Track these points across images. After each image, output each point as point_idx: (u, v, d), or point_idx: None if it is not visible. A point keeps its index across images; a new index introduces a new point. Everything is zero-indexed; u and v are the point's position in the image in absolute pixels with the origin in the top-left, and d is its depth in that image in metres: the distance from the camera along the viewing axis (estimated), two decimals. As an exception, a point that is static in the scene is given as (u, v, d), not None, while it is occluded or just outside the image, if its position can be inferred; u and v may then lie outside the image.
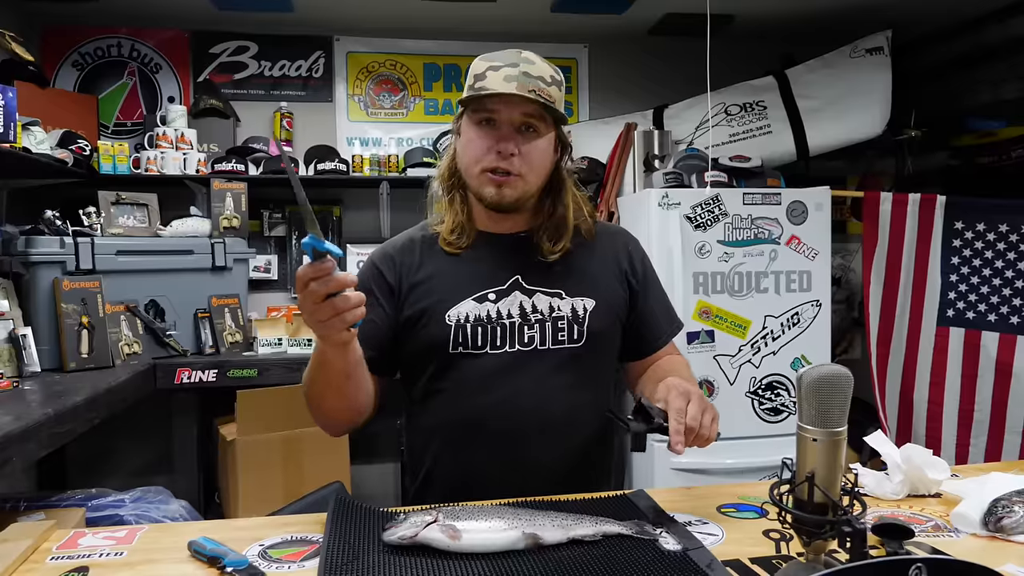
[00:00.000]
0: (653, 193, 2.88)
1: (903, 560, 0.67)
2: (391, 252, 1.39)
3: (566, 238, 1.36)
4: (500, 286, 1.34)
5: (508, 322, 1.31)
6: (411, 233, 1.42)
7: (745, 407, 2.93)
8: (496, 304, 1.32)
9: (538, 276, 1.35)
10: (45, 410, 1.87)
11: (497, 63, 1.25)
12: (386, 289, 1.35)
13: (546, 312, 1.33)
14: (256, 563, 0.96)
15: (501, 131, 1.26)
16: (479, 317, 1.31)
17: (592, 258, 1.40)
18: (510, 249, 1.36)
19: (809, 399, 0.82)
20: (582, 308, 1.34)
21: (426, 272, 1.35)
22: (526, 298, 1.33)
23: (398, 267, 1.36)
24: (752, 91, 3.30)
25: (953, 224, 3.04)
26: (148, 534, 1.09)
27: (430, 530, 0.97)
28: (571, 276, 1.36)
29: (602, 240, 1.43)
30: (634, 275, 1.42)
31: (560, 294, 1.34)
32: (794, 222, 2.94)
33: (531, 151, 1.28)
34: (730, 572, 0.93)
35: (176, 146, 3.20)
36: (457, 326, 1.31)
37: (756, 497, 1.22)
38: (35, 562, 0.99)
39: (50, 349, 2.48)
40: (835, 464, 0.82)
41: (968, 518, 1.08)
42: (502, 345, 1.31)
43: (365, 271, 1.39)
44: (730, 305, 2.91)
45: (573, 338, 1.33)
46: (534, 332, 1.32)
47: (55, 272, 2.54)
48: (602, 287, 1.38)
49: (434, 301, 1.33)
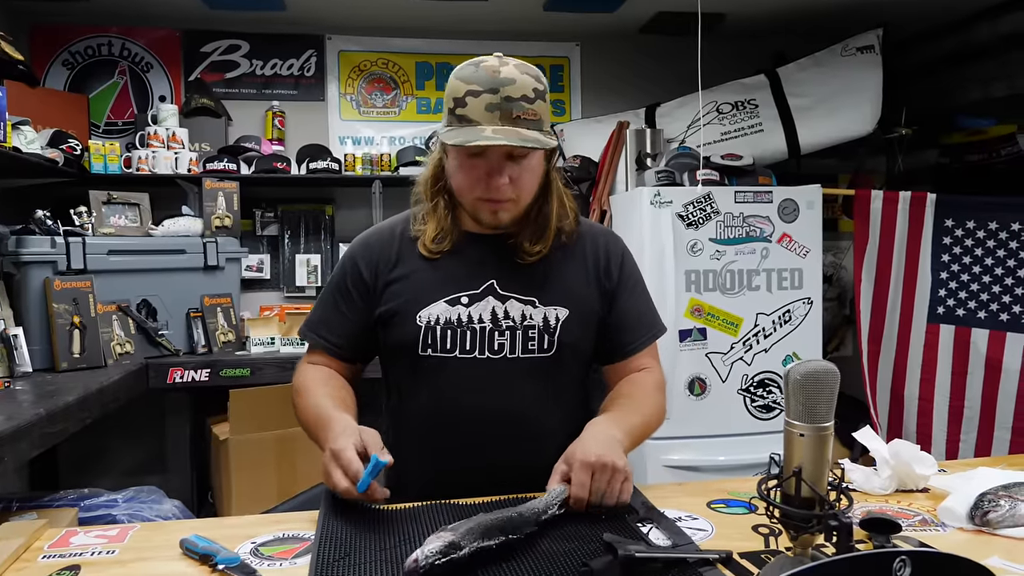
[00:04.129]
0: (645, 191, 2.89)
1: (887, 553, 0.68)
2: (372, 244, 1.39)
3: (547, 240, 1.34)
4: (474, 290, 1.32)
5: (479, 327, 1.30)
6: (394, 225, 1.41)
7: (737, 404, 2.94)
8: (468, 308, 1.31)
9: (514, 281, 1.33)
10: (37, 410, 1.86)
11: (476, 87, 1.21)
12: (361, 285, 1.36)
13: (518, 320, 1.31)
14: (248, 561, 0.97)
15: (491, 162, 1.24)
16: (449, 320, 1.30)
17: (570, 263, 1.38)
18: (490, 251, 1.34)
19: (796, 395, 0.82)
20: (554, 318, 1.32)
21: (402, 271, 1.35)
22: (499, 303, 1.31)
23: (375, 263, 1.36)
24: (743, 89, 3.31)
25: (943, 222, 3.05)
26: (140, 533, 1.09)
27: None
28: (546, 283, 1.34)
29: (582, 242, 1.40)
30: (608, 278, 1.39)
31: (534, 302, 1.32)
32: (786, 220, 2.96)
33: (522, 175, 1.26)
34: (721, 569, 0.94)
35: (167, 145, 3.20)
36: (427, 328, 1.30)
37: (746, 493, 1.23)
38: (26, 560, 0.99)
39: (41, 349, 2.47)
40: (822, 459, 0.82)
41: (955, 512, 1.09)
42: (471, 350, 1.30)
43: (345, 262, 1.40)
44: (722, 303, 2.93)
45: (543, 347, 1.32)
46: (504, 339, 1.30)
47: (46, 272, 2.53)
48: (577, 295, 1.36)
49: (406, 301, 1.33)
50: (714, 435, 2.93)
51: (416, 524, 1.07)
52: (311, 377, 1.37)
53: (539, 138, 1.22)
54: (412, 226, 1.38)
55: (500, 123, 1.20)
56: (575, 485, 1.11)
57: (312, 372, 1.38)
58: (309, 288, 3.60)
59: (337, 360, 1.40)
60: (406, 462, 1.31)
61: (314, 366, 1.39)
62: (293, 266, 3.60)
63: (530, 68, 1.25)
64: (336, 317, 1.38)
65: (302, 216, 3.62)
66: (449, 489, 1.21)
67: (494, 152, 1.23)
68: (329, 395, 1.30)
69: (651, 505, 1.15)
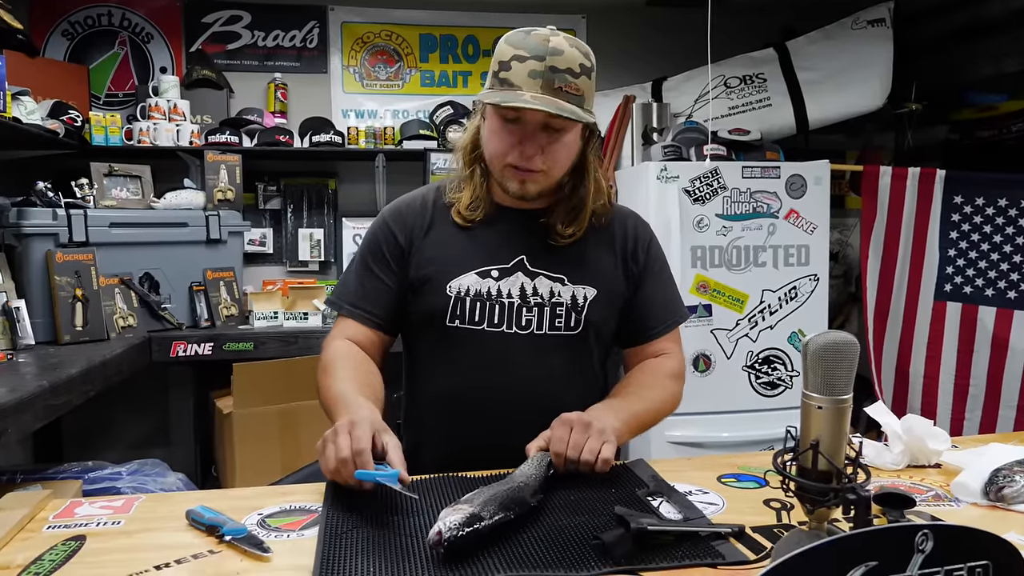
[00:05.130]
0: (651, 166, 2.85)
1: (909, 527, 0.67)
2: (404, 211, 1.37)
3: (581, 223, 1.32)
4: (504, 264, 1.32)
5: (507, 301, 1.30)
6: (425, 194, 1.40)
7: (742, 381, 2.93)
8: (498, 282, 1.31)
9: (544, 259, 1.32)
10: (40, 382, 1.86)
11: (523, 52, 1.19)
12: (396, 250, 1.35)
13: (546, 297, 1.31)
14: (255, 532, 0.96)
15: (525, 130, 1.22)
16: (479, 292, 1.30)
17: (600, 244, 1.37)
18: (522, 226, 1.33)
19: (814, 366, 0.81)
20: (583, 296, 1.32)
21: (434, 238, 1.34)
22: (528, 280, 1.31)
23: (409, 228, 1.35)
24: (752, 63, 3.27)
25: (952, 199, 3.02)
26: (145, 504, 1.08)
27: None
28: (576, 262, 1.34)
29: (612, 225, 1.39)
30: (635, 261, 1.39)
31: (563, 280, 1.32)
32: (793, 196, 2.93)
33: (556, 148, 1.24)
34: (733, 543, 0.92)
35: (169, 117, 3.16)
36: (457, 298, 1.30)
37: (756, 467, 1.22)
38: (31, 531, 0.99)
39: (44, 322, 2.46)
40: (840, 432, 0.81)
41: (969, 487, 1.08)
42: (499, 324, 1.30)
43: (377, 229, 1.38)
44: (728, 279, 2.90)
45: (570, 325, 1.32)
46: (532, 316, 1.30)
47: (48, 244, 2.51)
48: (605, 275, 1.36)
49: (437, 269, 1.32)
50: (719, 412, 2.92)
51: (422, 496, 1.06)
52: (342, 355, 1.31)
53: (576, 111, 1.20)
54: (447, 193, 1.37)
55: (541, 92, 1.18)
56: (553, 441, 1.13)
57: (343, 349, 1.32)
58: (312, 262, 3.58)
59: (372, 330, 1.36)
60: (425, 435, 1.33)
61: (346, 343, 1.34)
62: (296, 240, 3.57)
63: (581, 44, 1.23)
64: (371, 284, 1.35)
65: (305, 190, 3.59)
66: (467, 463, 1.20)
67: (530, 119, 1.21)
68: (356, 380, 1.25)
69: (661, 479, 1.14)
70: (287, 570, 0.87)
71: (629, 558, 0.86)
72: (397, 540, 0.92)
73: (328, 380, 1.27)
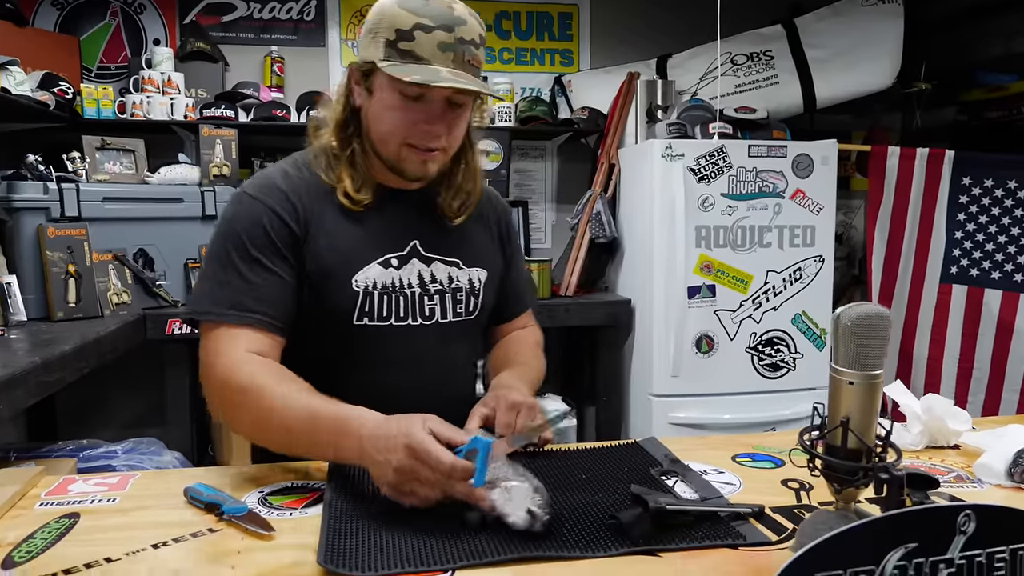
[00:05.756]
0: (656, 144, 2.80)
1: (951, 507, 0.63)
2: (287, 192, 1.17)
3: (474, 201, 1.28)
4: (400, 251, 1.22)
5: (409, 292, 1.21)
6: (294, 172, 1.20)
7: (744, 363, 2.90)
8: (399, 271, 1.21)
9: (435, 242, 1.24)
10: (32, 358, 1.81)
11: (427, 21, 1.07)
12: (289, 238, 1.15)
13: (445, 283, 1.24)
14: (256, 510, 0.92)
15: (431, 108, 1.12)
16: (386, 285, 1.19)
17: (479, 224, 1.33)
18: (410, 209, 1.23)
19: (846, 340, 0.77)
20: (477, 279, 1.28)
21: (326, 226, 1.18)
22: (424, 266, 1.23)
23: (299, 211, 1.16)
24: (759, 40, 3.21)
25: (961, 180, 2.98)
26: (141, 481, 1.05)
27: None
28: (466, 244, 1.28)
29: (483, 205, 1.34)
30: (507, 240, 1.38)
31: (458, 264, 1.26)
32: (799, 175, 2.88)
33: (459, 125, 1.17)
34: (754, 523, 0.89)
35: (163, 90, 3.09)
36: (365, 293, 1.17)
37: (771, 447, 1.19)
38: (23, 508, 0.95)
39: (36, 298, 2.41)
40: (871, 409, 0.77)
41: (992, 469, 1.05)
42: (405, 317, 1.21)
43: (257, 214, 1.14)
44: (732, 259, 2.87)
45: (469, 310, 1.28)
46: (434, 304, 1.23)
47: (39, 219, 2.45)
48: (490, 256, 1.33)
49: (338, 261, 1.17)
50: (721, 393, 2.89)
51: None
52: (262, 371, 1.05)
53: (487, 87, 1.16)
54: (322, 175, 1.20)
55: (453, 66, 1.09)
56: (501, 425, 1.09)
57: (260, 366, 1.07)
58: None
59: (274, 337, 1.13)
60: None
61: (252, 356, 1.08)
62: (293, 218, 3.51)
63: (474, 12, 1.14)
64: (263, 280, 1.12)
65: (302, 167, 3.52)
66: None
67: (436, 96, 1.11)
68: (310, 391, 1.03)
69: (675, 458, 1.10)
70: (291, 549, 0.83)
71: (647, 538, 0.82)
72: (403, 519, 0.88)
73: (268, 402, 1.01)
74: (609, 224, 3.10)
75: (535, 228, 3.55)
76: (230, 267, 1.12)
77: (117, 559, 0.81)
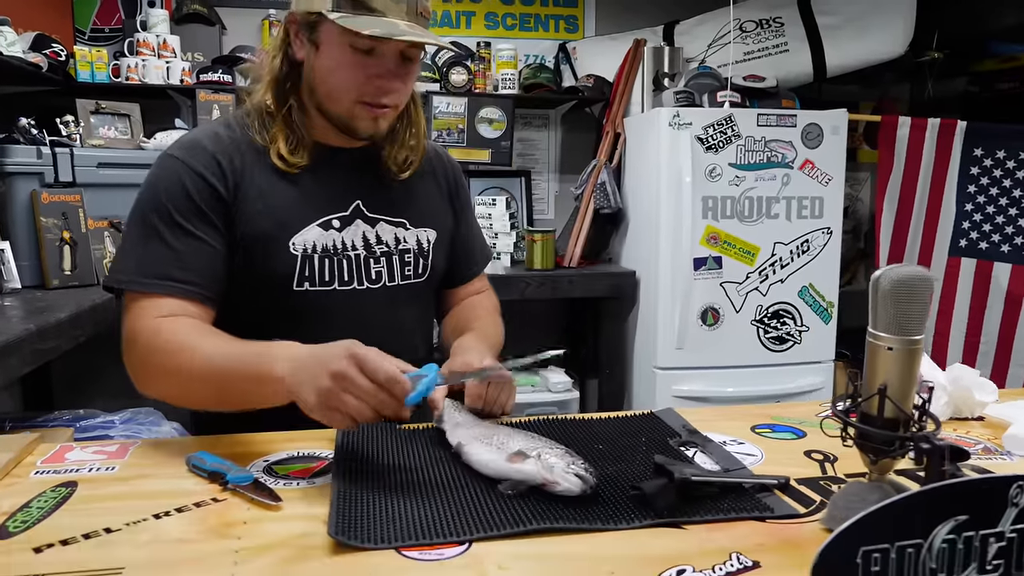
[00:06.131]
0: (663, 112, 2.74)
1: (1003, 479, 0.60)
2: (213, 153, 1.10)
3: (418, 157, 1.23)
4: (343, 212, 1.16)
5: (353, 254, 1.16)
6: (224, 132, 1.14)
7: (750, 335, 2.87)
8: (341, 233, 1.15)
9: (380, 202, 1.20)
10: (27, 325, 1.77)
11: None
12: (216, 202, 1.09)
13: (392, 244, 1.20)
14: (262, 479, 0.88)
15: (384, 63, 1.07)
16: (326, 247, 1.14)
17: (428, 182, 1.28)
18: (351, 168, 1.18)
19: (885, 303, 0.73)
20: (426, 240, 1.24)
21: (258, 186, 1.11)
22: (369, 227, 1.18)
23: (228, 173, 1.10)
24: (769, 7, 3.13)
25: (972, 151, 2.93)
26: (141, 449, 1.01)
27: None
28: (413, 204, 1.24)
29: (432, 161, 1.30)
30: (457, 198, 1.33)
31: (404, 224, 1.22)
32: (809, 146, 2.83)
33: (411, 78, 1.12)
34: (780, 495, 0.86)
35: (158, 54, 3.01)
36: (304, 257, 1.12)
37: (791, 418, 1.15)
38: (17, 476, 0.91)
39: (31, 265, 2.36)
40: (910, 376, 0.73)
41: (1022, 440, 1.02)
42: (350, 281, 1.16)
43: (180, 177, 1.08)
44: (739, 231, 2.82)
45: (418, 272, 1.23)
46: (381, 267, 1.18)
47: (32, 184, 2.39)
48: (439, 216, 1.28)
49: (274, 224, 1.11)
50: (725, 366, 2.87)
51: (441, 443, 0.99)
52: (184, 329, 1.02)
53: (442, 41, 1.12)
54: (254, 133, 1.13)
55: (407, 18, 1.04)
56: (471, 397, 1.06)
57: (181, 324, 1.03)
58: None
59: (201, 307, 1.07)
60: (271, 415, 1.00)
61: (172, 318, 1.04)
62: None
63: None
64: (188, 247, 1.06)
65: (300, 135, 3.45)
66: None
67: (391, 51, 1.06)
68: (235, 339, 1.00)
69: (693, 428, 1.07)
70: (299, 519, 0.80)
71: (672, 510, 0.79)
72: (415, 489, 0.85)
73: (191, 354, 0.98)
74: (614, 194, 3.05)
75: (538, 199, 3.50)
76: (153, 234, 1.06)
77: (117, 529, 0.77)
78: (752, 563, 0.71)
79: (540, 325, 3.44)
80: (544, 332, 3.46)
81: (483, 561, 0.71)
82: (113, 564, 0.70)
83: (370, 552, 0.72)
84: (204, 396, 1.04)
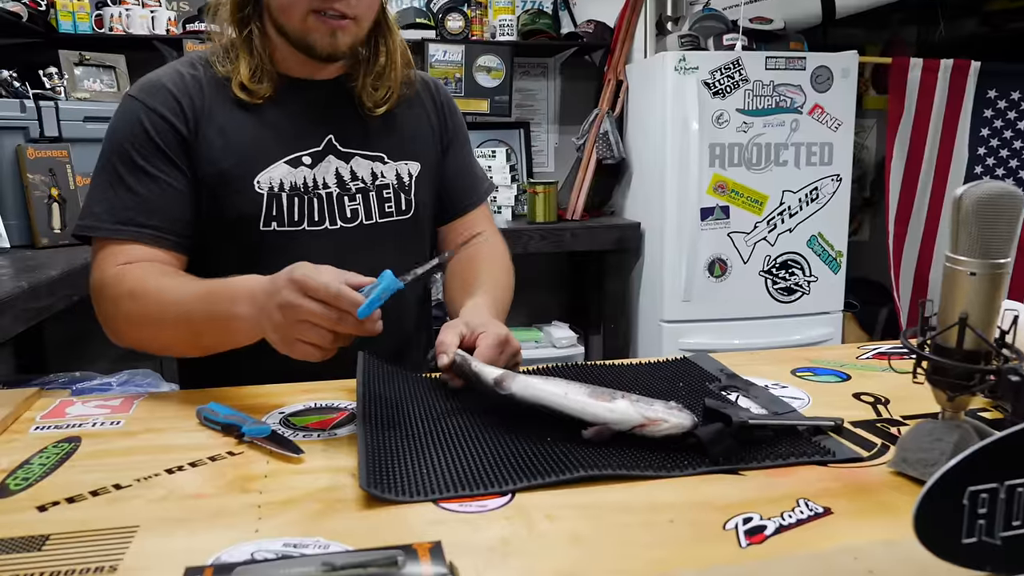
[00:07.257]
0: (669, 57, 2.65)
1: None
2: (172, 90, 1.05)
3: (394, 90, 1.14)
4: (315, 147, 1.10)
5: (325, 192, 1.09)
6: (185, 69, 1.08)
7: (758, 286, 2.82)
8: (312, 170, 1.09)
9: (355, 136, 1.12)
10: (18, 283, 1.70)
11: None
12: (177, 141, 1.04)
13: (368, 180, 1.12)
14: (280, 431, 0.82)
15: None
16: (295, 185, 1.07)
17: (413, 111, 1.20)
18: (322, 100, 1.11)
19: (966, 224, 0.66)
20: (407, 174, 1.16)
21: (220, 123, 1.06)
22: (343, 163, 1.11)
23: (186, 110, 1.04)
24: (777, -56, 3.01)
25: (986, 93, 2.85)
26: (147, 403, 0.94)
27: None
28: (392, 135, 1.16)
29: (419, 90, 1.22)
30: (446, 129, 1.25)
31: (382, 158, 1.14)
32: (818, 89, 2.74)
33: None
34: (836, 438, 0.80)
35: (143, 3, 2.88)
36: (270, 195, 1.06)
37: (830, 361, 1.09)
38: (16, 432, 0.84)
39: (19, 224, 2.27)
40: (993, 304, 0.67)
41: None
42: (321, 221, 1.09)
43: (139, 117, 1.03)
44: (747, 179, 2.75)
45: (401, 209, 1.15)
46: (356, 204, 1.11)
47: (17, 139, 2.28)
48: (424, 148, 1.20)
49: (237, 162, 1.05)
50: (733, 318, 2.82)
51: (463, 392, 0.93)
52: (149, 275, 0.98)
53: None
54: (217, 66, 1.07)
55: None
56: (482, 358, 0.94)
57: (148, 267, 1.00)
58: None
59: (168, 252, 1.04)
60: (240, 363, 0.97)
61: (139, 264, 1.00)
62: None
63: None
64: (150, 190, 1.02)
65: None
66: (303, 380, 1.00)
67: None
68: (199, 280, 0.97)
69: (732, 372, 1.01)
70: (324, 472, 0.74)
71: (728, 456, 0.73)
72: (443, 439, 0.79)
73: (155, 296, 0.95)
74: (617, 144, 2.96)
75: (537, 151, 3.40)
76: (117, 180, 1.02)
77: (127, 485, 0.71)
78: (824, 509, 0.65)
79: (543, 279, 3.38)
80: (547, 286, 3.40)
81: (529, 512, 0.65)
82: (125, 522, 0.64)
83: (405, 505, 0.66)
84: (180, 342, 1.00)
